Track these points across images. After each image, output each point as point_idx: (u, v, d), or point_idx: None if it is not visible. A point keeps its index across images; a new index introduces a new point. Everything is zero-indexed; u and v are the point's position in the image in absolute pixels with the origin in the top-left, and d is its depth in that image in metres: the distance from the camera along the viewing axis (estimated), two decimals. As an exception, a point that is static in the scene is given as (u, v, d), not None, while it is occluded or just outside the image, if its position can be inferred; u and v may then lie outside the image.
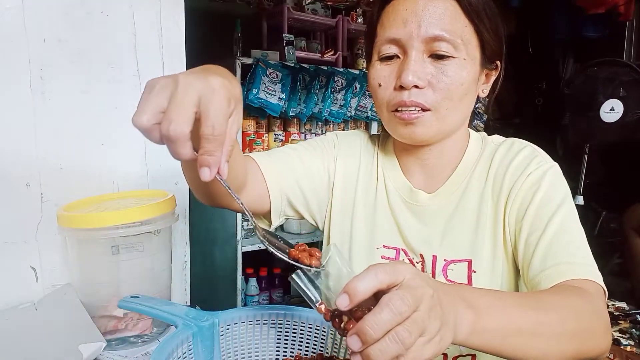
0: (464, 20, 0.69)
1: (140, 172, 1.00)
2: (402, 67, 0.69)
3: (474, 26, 0.70)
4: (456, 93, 0.70)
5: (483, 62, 0.73)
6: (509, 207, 0.74)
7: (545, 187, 0.72)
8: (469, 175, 0.79)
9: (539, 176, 0.73)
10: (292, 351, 0.66)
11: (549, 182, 0.73)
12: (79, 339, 0.71)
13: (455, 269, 0.76)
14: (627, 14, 2.63)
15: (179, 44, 1.01)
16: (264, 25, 2.50)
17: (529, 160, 0.75)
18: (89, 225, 0.78)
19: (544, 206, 0.71)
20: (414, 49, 0.68)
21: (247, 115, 2.29)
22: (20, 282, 0.89)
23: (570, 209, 0.71)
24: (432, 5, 0.68)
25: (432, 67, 0.69)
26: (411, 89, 0.68)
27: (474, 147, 0.81)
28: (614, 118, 2.37)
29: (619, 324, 1.76)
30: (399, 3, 0.71)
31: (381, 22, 0.73)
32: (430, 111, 0.70)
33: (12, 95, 0.86)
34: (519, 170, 0.75)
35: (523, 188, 0.73)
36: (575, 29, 2.83)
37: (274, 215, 0.79)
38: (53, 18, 0.88)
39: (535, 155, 0.76)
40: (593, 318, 0.59)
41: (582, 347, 0.57)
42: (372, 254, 0.82)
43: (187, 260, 1.10)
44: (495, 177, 0.77)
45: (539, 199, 0.71)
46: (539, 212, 0.71)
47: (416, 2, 0.69)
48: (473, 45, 0.71)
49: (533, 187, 0.73)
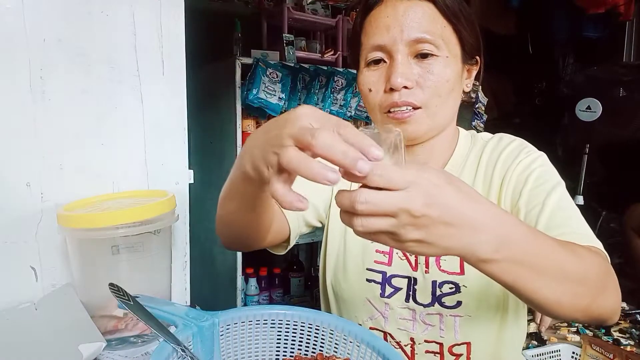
0: (442, 21, 0.73)
1: (140, 172, 1.00)
2: (390, 70, 0.73)
3: (452, 26, 0.74)
4: (443, 89, 0.73)
5: (464, 59, 0.77)
6: (503, 195, 0.77)
7: (537, 170, 0.76)
8: (459, 170, 0.83)
9: (530, 162, 0.77)
10: (292, 351, 0.66)
11: (540, 165, 0.77)
12: (79, 339, 0.71)
13: (448, 259, 0.80)
14: (627, 14, 2.64)
15: (179, 44, 1.01)
16: (264, 25, 2.51)
17: (518, 151, 0.79)
18: (89, 225, 0.78)
19: (540, 186, 0.74)
20: (399, 52, 0.72)
21: (246, 115, 2.29)
22: (20, 282, 0.89)
23: (565, 191, 0.74)
24: (411, 10, 0.72)
25: (418, 68, 0.72)
26: (401, 90, 0.72)
27: (463, 143, 0.85)
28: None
29: (619, 324, 1.76)
30: (380, 11, 0.75)
31: (365, 31, 0.77)
32: (421, 109, 0.73)
33: (12, 95, 0.86)
34: (509, 159, 0.79)
35: (514, 174, 0.76)
36: (575, 29, 2.83)
37: (292, 239, 0.83)
38: (53, 18, 0.88)
39: (524, 147, 0.81)
40: (608, 276, 0.60)
41: (595, 304, 0.57)
42: (367, 250, 0.84)
43: (187, 260, 1.10)
44: (485, 171, 0.81)
45: (533, 180, 0.75)
46: (534, 192, 0.73)
47: (396, 8, 0.73)
48: (453, 44, 0.75)
49: (525, 172, 0.76)
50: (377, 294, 0.82)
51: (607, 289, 0.59)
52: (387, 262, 0.83)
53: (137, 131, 0.99)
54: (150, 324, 0.57)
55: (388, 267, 0.82)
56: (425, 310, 0.79)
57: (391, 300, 0.81)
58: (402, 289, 0.81)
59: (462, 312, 0.77)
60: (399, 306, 0.81)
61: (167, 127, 1.02)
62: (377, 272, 0.83)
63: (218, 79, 2.33)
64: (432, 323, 0.79)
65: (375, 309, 0.83)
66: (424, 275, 0.80)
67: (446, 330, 0.79)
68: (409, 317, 0.81)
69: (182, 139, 1.04)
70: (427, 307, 0.79)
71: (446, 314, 0.78)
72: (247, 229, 0.72)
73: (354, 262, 0.85)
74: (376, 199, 0.41)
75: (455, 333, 0.78)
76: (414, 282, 0.80)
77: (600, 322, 0.61)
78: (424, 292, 0.79)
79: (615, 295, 0.60)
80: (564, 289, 0.53)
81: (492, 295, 0.78)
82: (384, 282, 0.82)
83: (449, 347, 0.79)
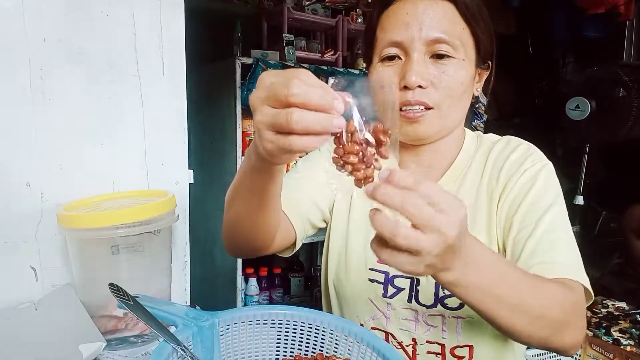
0: (461, 22, 0.73)
1: (140, 172, 1.00)
2: (406, 68, 0.72)
3: (470, 28, 0.74)
4: (457, 91, 0.73)
5: (477, 62, 0.77)
6: (502, 202, 0.77)
7: (538, 186, 0.75)
8: (465, 171, 0.82)
9: (534, 174, 0.76)
10: (292, 351, 0.66)
11: (542, 180, 0.76)
12: (79, 339, 0.71)
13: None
14: (627, 14, 2.63)
15: (179, 44, 1.01)
16: (264, 25, 2.50)
17: (524, 158, 0.79)
18: (89, 225, 0.78)
19: (536, 203, 0.74)
20: (416, 51, 0.71)
21: (247, 115, 2.29)
22: (20, 282, 0.89)
23: (561, 209, 0.74)
24: (431, 9, 0.71)
25: (434, 68, 0.72)
26: (415, 89, 0.71)
27: (469, 144, 0.85)
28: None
29: (619, 324, 1.76)
30: (400, 7, 0.73)
31: (382, 25, 0.76)
32: (433, 109, 0.73)
33: (12, 95, 0.86)
34: (515, 166, 0.78)
35: (517, 184, 0.76)
36: (575, 29, 2.82)
37: (298, 242, 0.84)
38: (53, 18, 0.88)
39: (530, 153, 0.80)
40: (572, 314, 0.62)
41: (553, 337, 0.61)
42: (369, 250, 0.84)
43: (187, 260, 1.10)
44: (491, 173, 0.80)
45: (532, 197, 0.74)
46: (530, 209, 0.73)
47: (416, 5, 0.72)
48: (469, 47, 0.74)
49: (527, 185, 0.76)
50: (379, 294, 0.82)
51: (569, 326, 0.61)
52: None
53: (137, 131, 0.99)
54: (150, 324, 0.57)
55: (391, 267, 0.82)
56: (428, 311, 0.79)
57: (393, 300, 0.81)
58: (405, 289, 0.81)
59: (465, 313, 0.77)
60: (401, 306, 0.81)
61: (167, 127, 1.02)
62: (380, 272, 0.82)
63: (218, 79, 2.33)
64: (434, 324, 0.79)
65: (377, 309, 0.83)
66: (427, 276, 0.79)
67: (448, 331, 0.78)
68: (411, 318, 0.80)
69: (182, 139, 1.04)
70: (429, 308, 0.79)
71: (448, 316, 0.78)
72: (255, 231, 0.71)
73: (356, 261, 0.85)
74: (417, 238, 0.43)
75: (457, 335, 0.78)
76: (417, 282, 0.80)
77: (558, 353, 0.66)
78: (427, 293, 0.79)
79: (577, 333, 0.63)
80: (521, 320, 0.57)
81: None
82: (387, 282, 0.82)
83: (450, 348, 0.79)
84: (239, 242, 0.76)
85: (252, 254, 0.78)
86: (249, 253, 0.78)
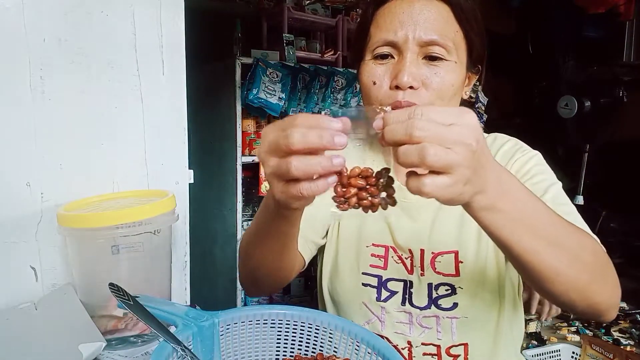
0: (455, 25, 0.73)
1: (140, 172, 1.00)
2: (398, 67, 0.72)
3: (463, 31, 0.74)
4: (447, 94, 0.73)
5: (468, 66, 0.77)
6: None
7: (534, 169, 0.77)
8: None
9: (526, 160, 0.79)
10: (292, 351, 0.66)
11: (536, 163, 0.78)
12: (79, 339, 0.71)
13: (442, 261, 0.79)
14: (627, 14, 2.63)
15: (179, 44, 1.01)
16: (264, 25, 2.51)
17: (513, 151, 0.80)
18: (89, 225, 0.78)
19: (537, 183, 0.75)
20: (410, 51, 0.71)
21: (247, 115, 2.29)
22: (20, 282, 0.89)
23: (561, 190, 0.74)
24: (427, 10, 0.71)
25: (426, 69, 0.72)
26: (406, 90, 0.71)
27: None
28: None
29: (619, 324, 1.76)
30: (395, 5, 0.73)
31: (376, 23, 0.75)
32: None
33: (12, 95, 0.86)
34: (505, 159, 0.79)
35: (512, 171, 0.76)
36: (575, 29, 2.82)
37: (306, 264, 0.86)
38: (53, 18, 0.88)
39: (519, 146, 0.82)
40: (607, 265, 0.60)
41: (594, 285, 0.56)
42: (362, 254, 0.84)
43: (187, 260, 1.10)
44: None
45: (530, 177, 0.75)
46: (532, 189, 0.73)
47: (412, 5, 0.72)
48: (462, 50, 0.74)
49: (521, 170, 0.77)
50: (373, 298, 0.82)
51: (606, 277, 0.59)
52: (382, 265, 0.82)
53: (137, 131, 0.99)
54: (150, 324, 0.57)
55: (384, 270, 0.82)
56: (422, 313, 0.79)
57: (387, 304, 0.81)
58: (398, 292, 0.81)
59: (459, 313, 0.77)
60: (396, 310, 0.81)
61: (167, 127, 1.02)
62: (373, 276, 0.82)
63: (218, 79, 2.33)
64: (429, 325, 0.79)
65: (371, 313, 0.83)
66: (420, 278, 0.79)
67: (443, 332, 0.78)
68: (406, 321, 0.80)
69: (182, 139, 1.04)
70: (423, 309, 0.79)
71: (443, 316, 0.78)
72: (277, 272, 0.74)
73: (349, 266, 0.85)
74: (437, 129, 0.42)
75: (452, 335, 0.78)
76: (410, 285, 0.80)
77: (596, 313, 0.60)
78: (420, 294, 0.79)
79: (614, 287, 0.60)
80: (562, 259, 0.53)
81: (488, 295, 0.78)
82: (380, 286, 0.82)
83: (446, 348, 0.79)
84: (262, 285, 0.79)
85: (275, 291, 0.82)
86: (272, 291, 0.82)
